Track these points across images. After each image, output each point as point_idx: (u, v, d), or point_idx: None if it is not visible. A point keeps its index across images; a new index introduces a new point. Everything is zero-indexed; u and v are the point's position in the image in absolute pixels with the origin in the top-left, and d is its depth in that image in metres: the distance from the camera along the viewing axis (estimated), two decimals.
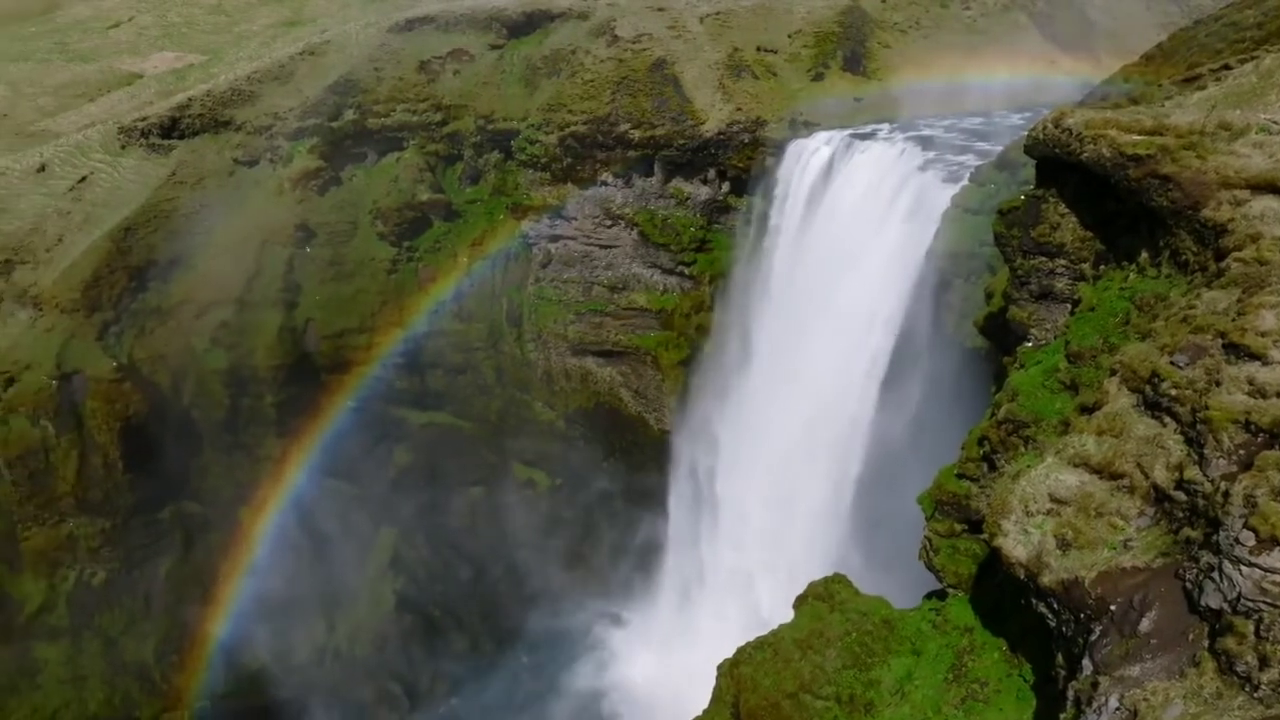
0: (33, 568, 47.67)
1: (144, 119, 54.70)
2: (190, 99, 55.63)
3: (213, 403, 51.37)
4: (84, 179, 52.65)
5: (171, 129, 54.45)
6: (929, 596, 21.66)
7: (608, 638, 54.39)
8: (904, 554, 26.62)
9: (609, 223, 53.88)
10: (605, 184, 53.41)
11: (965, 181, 35.09)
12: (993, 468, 20.58)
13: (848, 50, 54.69)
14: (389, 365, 54.64)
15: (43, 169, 53.08)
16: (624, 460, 55.31)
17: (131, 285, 50.32)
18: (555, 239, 55.06)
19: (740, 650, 21.58)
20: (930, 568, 21.72)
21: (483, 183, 57.21)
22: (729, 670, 21.67)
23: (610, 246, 54.32)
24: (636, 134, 51.80)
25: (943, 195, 35.68)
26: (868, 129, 45.57)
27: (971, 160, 38.15)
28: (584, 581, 55.90)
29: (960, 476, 21.82)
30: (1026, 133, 22.92)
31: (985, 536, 16.27)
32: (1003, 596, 18.46)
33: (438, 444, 55.74)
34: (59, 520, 47.64)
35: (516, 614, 54.87)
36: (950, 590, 20.74)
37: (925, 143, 41.59)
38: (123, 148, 54.00)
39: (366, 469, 54.10)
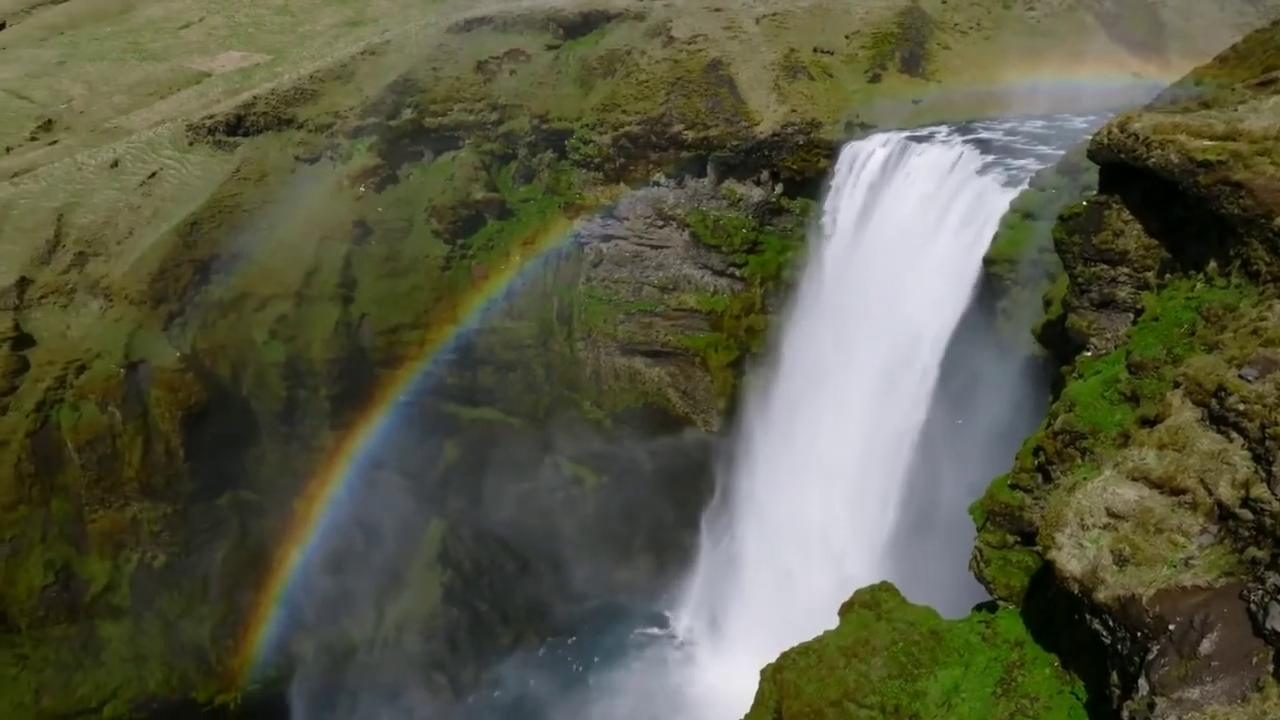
0: (98, 549, 49.40)
1: (211, 117, 56.31)
2: (255, 97, 57.11)
3: (270, 394, 52.64)
4: (154, 174, 54.39)
5: (237, 126, 55.97)
6: (978, 608, 21.28)
7: (652, 638, 54.49)
8: (951, 564, 26.23)
9: (661, 223, 53.94)
10: (658, 184, 53.49)
11: (1025, 186, 34.44)
12: (1048, 479, 20.16)
13: (906, 51, 53.99)
14: (441, 361, 55.40)
15: (116, 164, 54.95)
16: (671, 461, 55.31)
17: (196, 278, 51.83)
18: (607, 239, 55.31)
19: (784, 655, 21.44)
20: (980, 579, 21.35)
21: (536, 182, 57.73)
22: (772, 675, 21.54)
23: (661, 247, 54.37)
24: (690, 134, 51.77)
25: (1001, 200, 35.07)
26: (925, 131, 44.96)
27: (1032, 164, 37.41)
28: (629, 581, 56.09)
29: (1014, 487, 21.42)
30: (1090, 137, 22.40)
31: (1038, 549, 15.95)
32: (1055, 611, 18.06)
33: (487, 440, 56.37)
34: (124, 504, 49.27)
35: (561, 610, 55.25)
36: (1001, 602, 20.36)
37: (984, 146, 40.89)
38: (190, 144, 55.66)
39: (417, 462, 54.93)
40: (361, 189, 55.36)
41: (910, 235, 39.45)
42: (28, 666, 47.28)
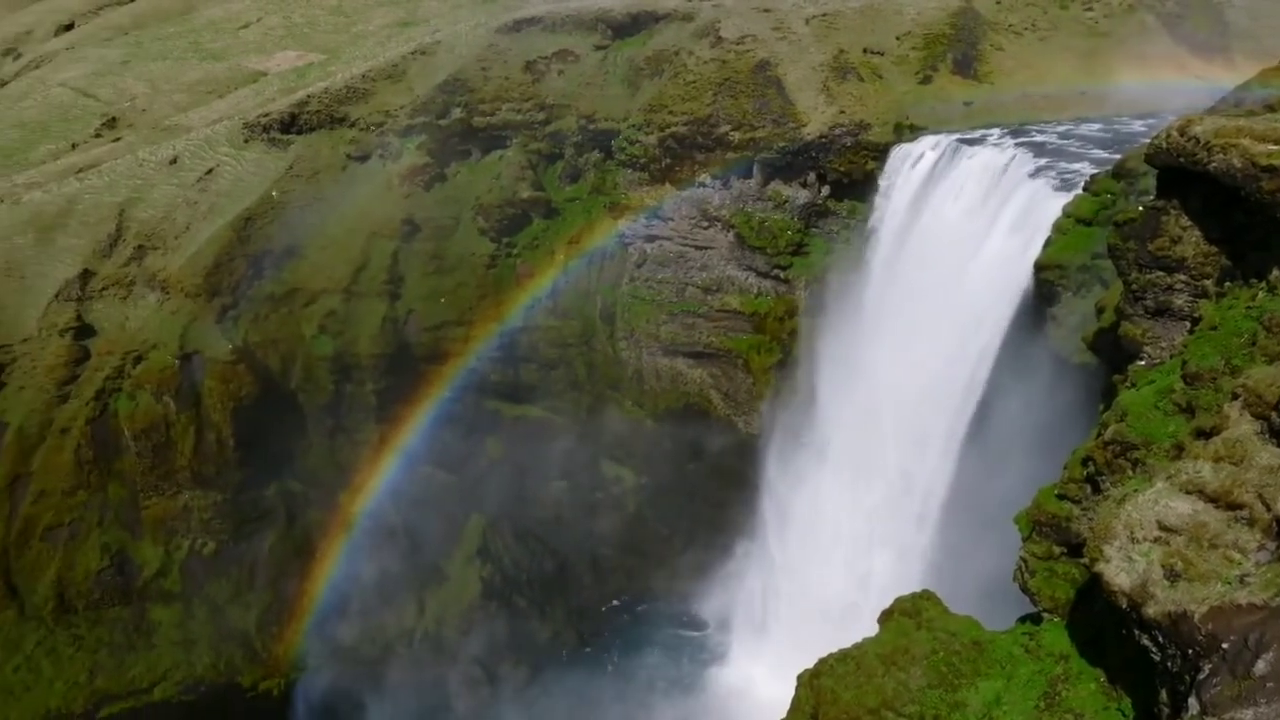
0: (151, 535, 50.78)
1: (266, 115, 57.57)
2: (309, 96, 58.25)
3: (318, 387, 53.63)
4: (210, 171, 55.78)
5: (291, 124, 57.14)
6: (1022, 620, 20.89)
7: (688, 640, 54.41)
8: (991, 575, 25.78)
9: (705, 224, 53.84)
10: (703, 185, 53.40)
11: (1078, 190, 33.73)
12: (1096, 490, 19.71)
13: (958, 53, 53.18)
14: (484, 358, 55.94)
15: (174, 161, 56.48)
16: (711, 462, 55.19)
17: (249, 272, 53.02)
18: (651, 239, 55.36)
19: (821, 661, 21.24)
20: (1025, 590, 20.94)
21: (582, 181, 57.99)
22: (809, 681, 21.35)
23: (706, 248, 54.27)
24: (736, 135, 51.59)
25: (1054, 204, 34.40)
26: (976, 134, 44.27)
27: (1086, 168, 36.64)
28: (667, 582, 56.07)
29: (1061, 497, 20.97)
30: (1148, 140, 21.87)
31: (1086, 561, 15.59)
32: (1103, 625, 17.64)
33: (528, 437, 56.77)
34: (176, 491, 50.59)
35: (599, 609, 55.45)
36: (1045, 615, 19.95)
37: (1037, 149, 40.12)
38: (246, 142, 56.96)
39: (459, 458, 55.53)
40: (410, 187, 56.15)
41: (959, 239, 38.86)
42: (83, 647, 48.82)
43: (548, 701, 51.09)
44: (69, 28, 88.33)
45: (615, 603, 55.78)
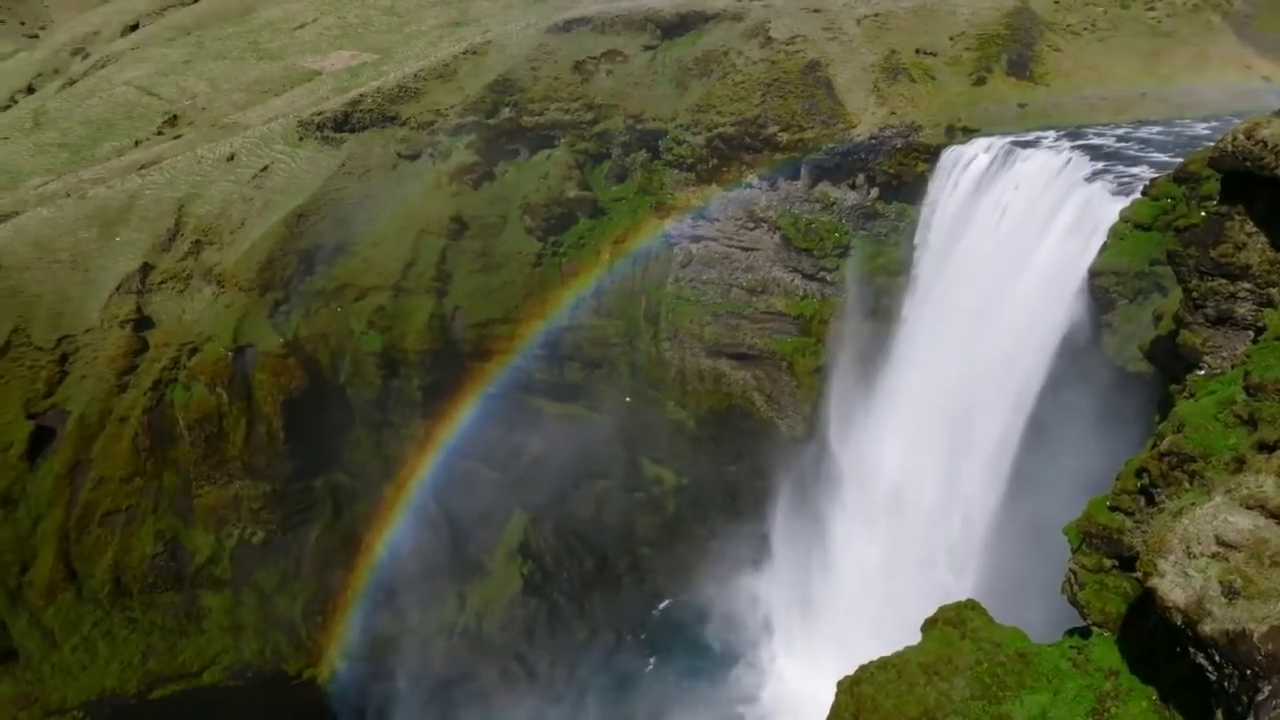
0: (203, 523, 52.09)
1: (320, 113, 58.70)
2: (362, 95, 59.25)
3: (365, 382, 54.50)
4: (266, 168, 57.03)
5: (344, 123, 58.18)
6: (1070, 633, 20.42)
7: (726, 641, 54.19)
8: (1040, 586, 25.23)
9: (751, 225, 53.57)
10: (750, 186, 53.14)
11: (1137, 195, 32.84)
12: (1151, 502, 19.18)
13: (1014, 53, 52.17)
14: (529, 356, 56.35)
15: (232, 158, 57.86)
16: (753, 465, 54.90)
17: (301, 268, 54.10)
18: (697, 239, 55.25)
19: (862, 669, 20.98)
20: (1074, 603, 20.46)
21: (629, 181, 58.09)
22: (849, 688, 21.11)
23: (751, 249, 54.00)
24: (785, 136, 51.26)
25: (1111, 209, 33.54)
26: (1031, 136, 43.34)
27: (1146, 172, 35.64)
28: (705, 582, 55.89)
29: (1113, 509, 20.44)
30: (1212, 144, 21.23)
31: (1138, 575, 15.17)
32: (1155, 642, 17.17)
33: (571, 435, 57.02)
34: (228, 481, 51.82)
35: (637, 608, 55.49)
36: (1095, 629, 19.47)
37: (1094, 152, 39.14)
38: (300, 140, 58.15)
39: (502, 454, 56.00)
40: (459, 185, 56.77)
41: (1011, 244, 38.10)
42: (137, 629, 50.26)
43: (585, 699, 51.27)
44: (134, 28, 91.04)
45: (654, 603, 55.78)
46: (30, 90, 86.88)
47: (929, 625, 20.88)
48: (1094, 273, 32.94)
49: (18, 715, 46.95)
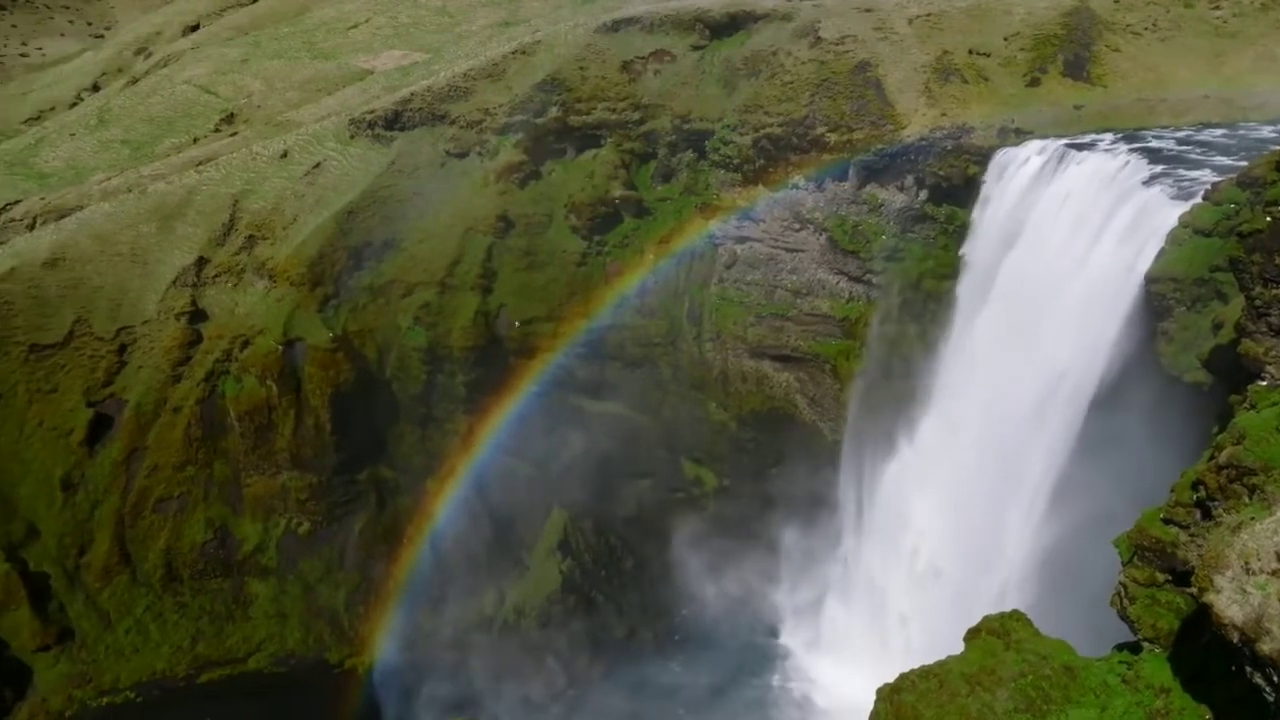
0: (251, 512, 53.23)
1: (371, 112, 59.61)
2: (412, 94, 60.03)
3: (411, 377, 55.22)
4: (318, 165, 58.09)
5: (394, 121, 59.01)
6: (1119, 648, 19.92)
7: (763, 646, 53.90)
8: (1086, 599, 24.65)
9: (797, 226, 53.20)
10: (796, 187, 52.80)
11: (1198, 199, 31.95)
12: (1207, 516, 18.62)
13: (1070, 54, 51.05)
14: (571, 354, 56.60)
15: (285, 155, 59.03)
16: (793, 468, 54.51)
17: (350, 264, 54.99)
18: (742, 240, 55.02)
19: (903, 677, 20.70)
20: (1123, 617, 19.96)
21: (674, 181, 58.05)
22: (889, 696, 20.84)
23: (797, 251, 53.62)
24: (833, 137, 50.82)
25: (1169, 214, 32.68)
26: (1087, 139, 42.42)
27: (1207, 176, 34.67)
28: (744, 586, 55.67)
29: (1167, 522, 19.90)
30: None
31: (1193, 590, 14.77)
32: (1209, 659, 16.67)
33: (611, 434, 57.15)
34: (275, 472, 52.86)
35: (675, 609, 55.45)
36: (1145, 644, 18.97)
37: (1153, 155, 38.17)
38: (351, 138, 59.11)
39: (544, 452, 56.32)
40: (505, 184, 57.24)
41: (1064, 248, 37.30)
42: (187, 614, 51.54)
43: (621, 698, 51.35)
44: (195, 28, 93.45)
45: (692, 604, 55.64)
46: (95, 88, 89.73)
47: (972, 635, 20.55)
48: (1151, 279, 32.12)
49: (73, 693, 48.43)
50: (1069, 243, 37.07)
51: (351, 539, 53.89)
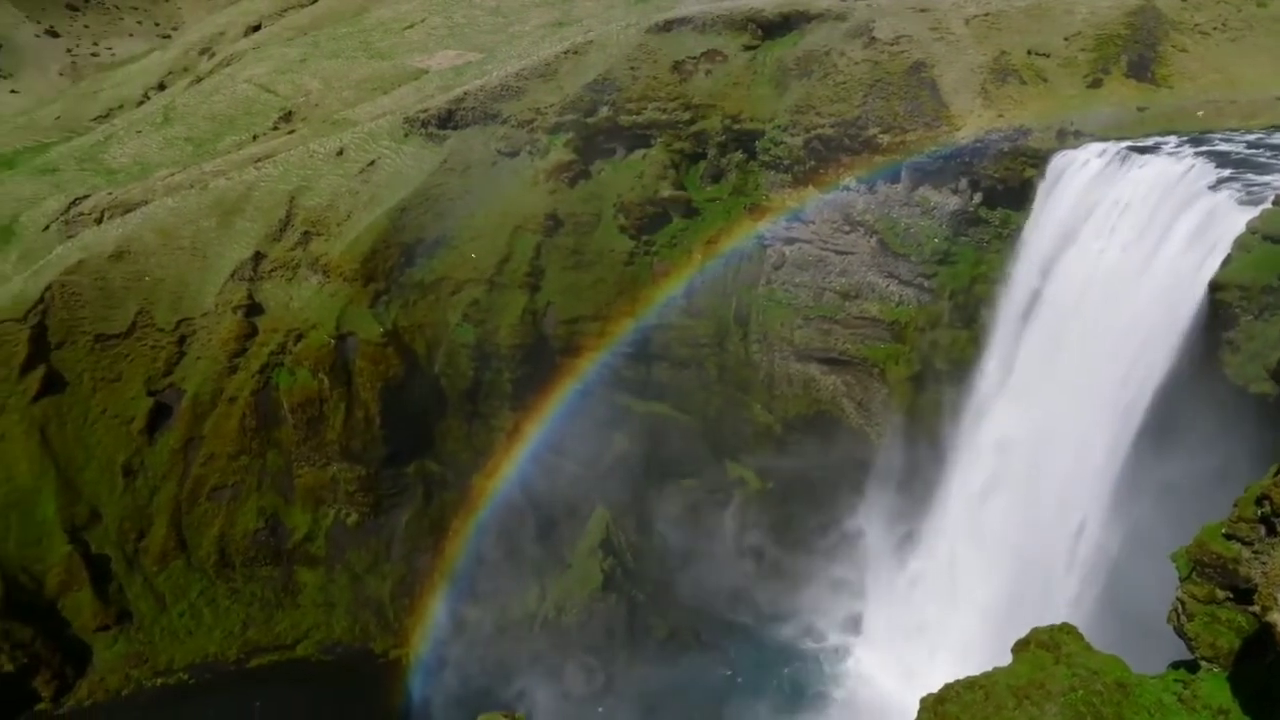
0: (301, 502, 54.37)
1: (425, 111, 60.45)
2: (465, 93, 60.74)
3: (459, 373, 55.85)
4: (372, 163, 59.10)
5: (447, 120, 59.76)
6: (1175, 666, 19.33)
7: (803, 651, 53.34)
8: (1141, 615, 23.97)
9: (848, 228, 52.60)
10: (847, 189, 52.19)
11: (1267, 205, 30.84)
12: (1272, 532, 17.96)
13: (1134, 54, 49.68)
14: (617, 353, 56.72)
15: (341, 153, 60.16)
16: (839, 472, 53.89)
17: (401, 260, 55.84)
18: (790, 241, 54.58)
19: (947, 687, 20.34)
20: (1180, 634, 19.36)
21: (724, 182, 57.82)
22: (933, 706, 20.49)
23: (846, 253, 53.02)
24: (885, 138, 50.15)
25: (1237, 219, 31.63)
26: (1150, 141, 41.17)
27: (1278, 181, 33.43)
28: (786, 589, 55.13)
29: (1229, 537, 19.24)
30: None
31: (1256, 609, 14.27)
32: (1271, 680, 16.09)
33: (656, 434, 57.15)
34: (326, 463, 53.92)
35: (716, 611, 55.12)
36: (1204, 663, 18.38)
37: (1220, 159, 36.92)
38: (405, 136, 60.03)
39: (588, 450, 56.52)
40: (555, 183, 57.58)
41: (1124, 255, 36.30)
42: (238, 600, 52.86)
43: (659, 699, 51.25)
44: (256, 29, 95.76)
45: (733, 606, 55.29)
46: (161, 87, 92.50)
47: (1020, 647, 20.13)
48: (1215, 286, 31.13)
49: (130, 672, 49.96)
50: (1129, 248, 36.07)
51: (398, 531, 54.70)
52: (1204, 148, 38.94)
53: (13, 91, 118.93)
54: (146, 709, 48.85)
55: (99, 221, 60.28)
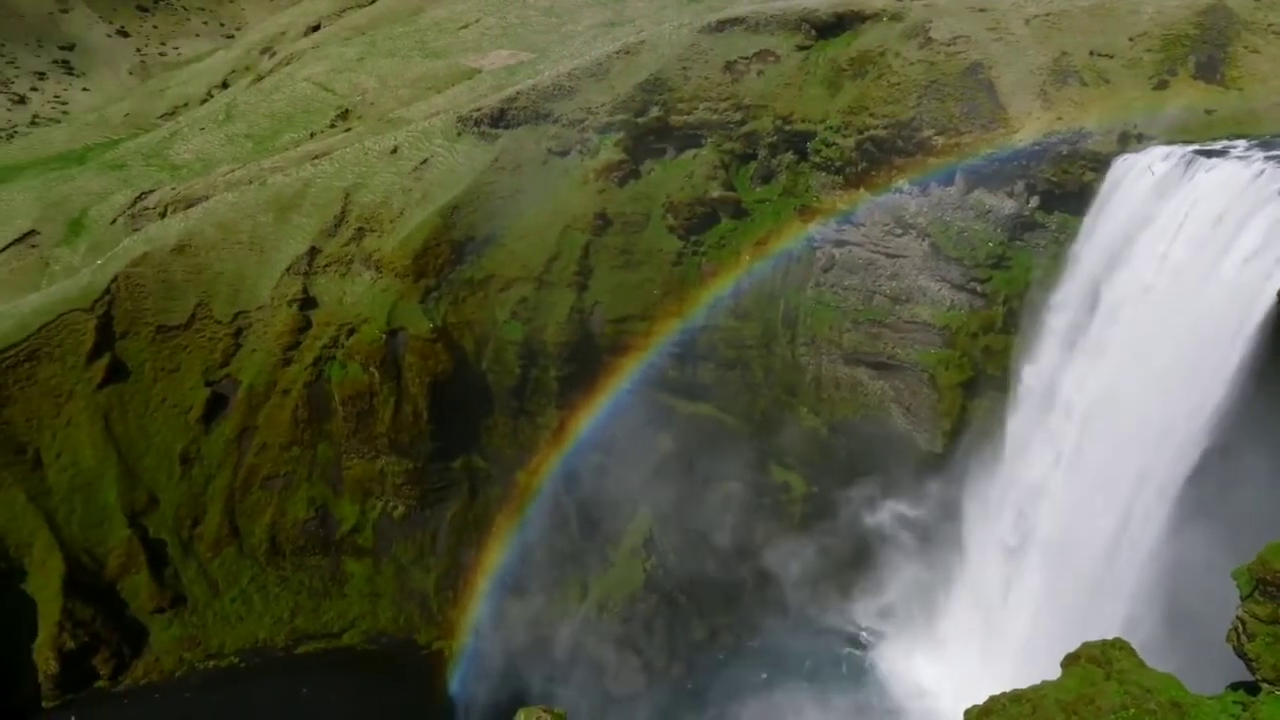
0: (350, 494, 55.37)
1: (478, 110, 61.11)
2: (518, 93, 61.25)
3: (506, 370, 56.34)
4: (425, 161, 59.92)
5: (499, 119, 60.34)
6: (1234, 687, 18.70)
7: (844, 657, 52.77)
8: (1199, 634, 23.21)
9: (899, 231, 51.87)
10: (900, 191, 51.47)
11: None
12: None
13: (1203, 55, 48.10)
14: (664, 353, 56.68)
15: (395, 151, 61.12)
16: (885, 478, 53.20)
17: (452, 257, 56.52)
18: (841, 244, 54.01)
19: (993, 699, 19.96)
20: (1240, 654, 18.73)
21: (774, 183, 57.43)
22: (978, 717, 20.13)
23: (897, 256, 52.29)
24: (940, 140, 49.36)
25: None
26: (1218, 145, 39.89)
27: None
28: (829, 594, 54.59)
29: None
30: None
31: None
32: None
33: (701, 435, 56.96)
34: (375, 456, 54.83)
35: (757, 614, 54.80)
36: (1265, 685, 17.74)
37: None
38: (458, 135, 60.74)
39: (632, 450, 56.55)
40: (604, 182, 57.74)
41: (1188, 262, 35.22)
42: (288, 587, 54.04)
43: (698, 700, 51.11)
44: (316, 28, 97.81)
45: (775, 610, 54.90)
46: (224, 85, 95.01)
47: (1070, 661, 19.66)
48: None
49: (183, 655, 51.41)
50: (1195, 254, 34.98)
51: (444, 525, 55.39)
52: (1275, 152, 37.57)
53: (84, 90, 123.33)
54: (199, 690, 50.23)
55: (163, 215, 62.12)
